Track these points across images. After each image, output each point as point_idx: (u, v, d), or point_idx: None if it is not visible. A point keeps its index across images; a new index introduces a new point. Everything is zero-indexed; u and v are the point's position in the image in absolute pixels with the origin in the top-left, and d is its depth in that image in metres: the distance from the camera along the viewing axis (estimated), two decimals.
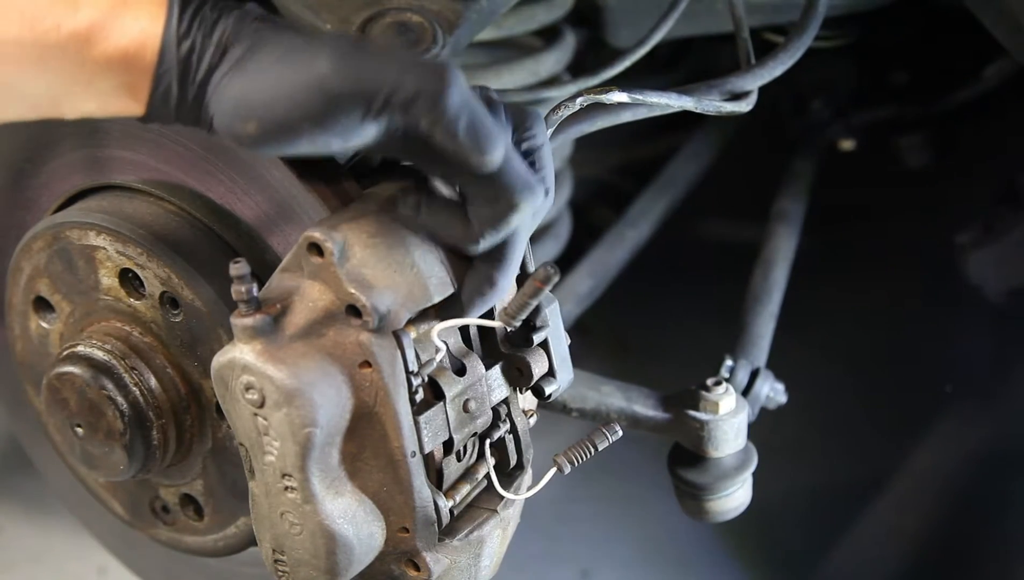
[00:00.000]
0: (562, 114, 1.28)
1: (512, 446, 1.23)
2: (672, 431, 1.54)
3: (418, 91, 0.96)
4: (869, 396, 2.42)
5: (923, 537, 2.15)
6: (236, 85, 0.98)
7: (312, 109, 0.96)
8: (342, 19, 1.48)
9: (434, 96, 0.96)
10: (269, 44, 0.98)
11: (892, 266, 2.68)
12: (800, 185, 2.32)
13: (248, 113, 0.97)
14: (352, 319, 1.04)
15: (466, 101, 0.97)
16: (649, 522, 2.19)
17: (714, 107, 1.41)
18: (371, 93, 0.96)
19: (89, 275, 1.30)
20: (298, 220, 1.19)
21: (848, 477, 2.28)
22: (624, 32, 1.99)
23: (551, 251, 2.03)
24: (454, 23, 1.49)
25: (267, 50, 0.98)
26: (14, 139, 1.35)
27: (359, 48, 0.97)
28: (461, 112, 0.97)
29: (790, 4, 1.93)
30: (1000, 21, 1.72)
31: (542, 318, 1.17)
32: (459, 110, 0.96)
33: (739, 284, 1.97)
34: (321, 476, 1.06)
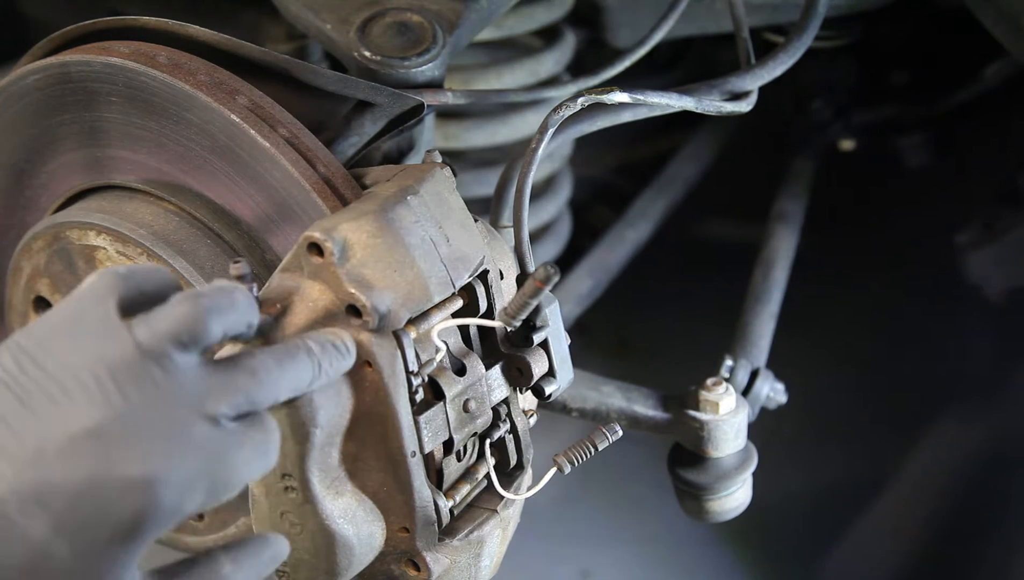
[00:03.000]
0: (563, 114, 1.28)
1: (512, 446, 1.23)
2: (672, 431, 1.54)
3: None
4: (869, 396, 2.42)
5: (923, 537, 2.15)
6: None
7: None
8: (342, 19, 1.48)
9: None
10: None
11: (892, 266, 2.68)
12: (800, 185, 2.31)
13: None
14: (352, 319, 1.04)
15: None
16: (649, 522, 2.19)
17: (714, 107, 1.41)
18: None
19: (89, 275, 1.30)
20: (298, 220, 1.19)
21: (848, 477, 2.28)
22: (624, 32, 1.99)
23: (551, 251, 2.03)
24: (454, 23, 1.49)
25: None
26: (14, 139, 1.35)
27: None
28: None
29: (790, 4, 1.93)
30: (1000, 21, 1.72)
31: (542, 318, 1.17)
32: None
33: (739, 284, 1.97)
34: (321, 476, 1.06)
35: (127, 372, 0.82)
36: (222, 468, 0.85)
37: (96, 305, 0.86)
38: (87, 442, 0.79)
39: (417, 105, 1.36)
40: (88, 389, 0.81)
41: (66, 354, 0.83)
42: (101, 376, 0.82)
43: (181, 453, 0.82)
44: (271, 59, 1.28)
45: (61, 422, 0.80)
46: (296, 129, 1.21)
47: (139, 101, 1.23)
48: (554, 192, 2.01)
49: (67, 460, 0.79)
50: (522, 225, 1.24)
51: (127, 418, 0.81)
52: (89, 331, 0.84)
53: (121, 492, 0.79)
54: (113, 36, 1.28)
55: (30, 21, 2.25)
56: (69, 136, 1.31)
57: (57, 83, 1.27)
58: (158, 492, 0.80)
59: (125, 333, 0.84)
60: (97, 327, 0.85)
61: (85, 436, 0.79)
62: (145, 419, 0.81)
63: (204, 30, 1.26)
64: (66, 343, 0.84)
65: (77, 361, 0.82)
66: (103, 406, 0.81)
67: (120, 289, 0.87)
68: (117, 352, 0.83)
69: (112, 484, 0.79)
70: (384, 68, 1.43)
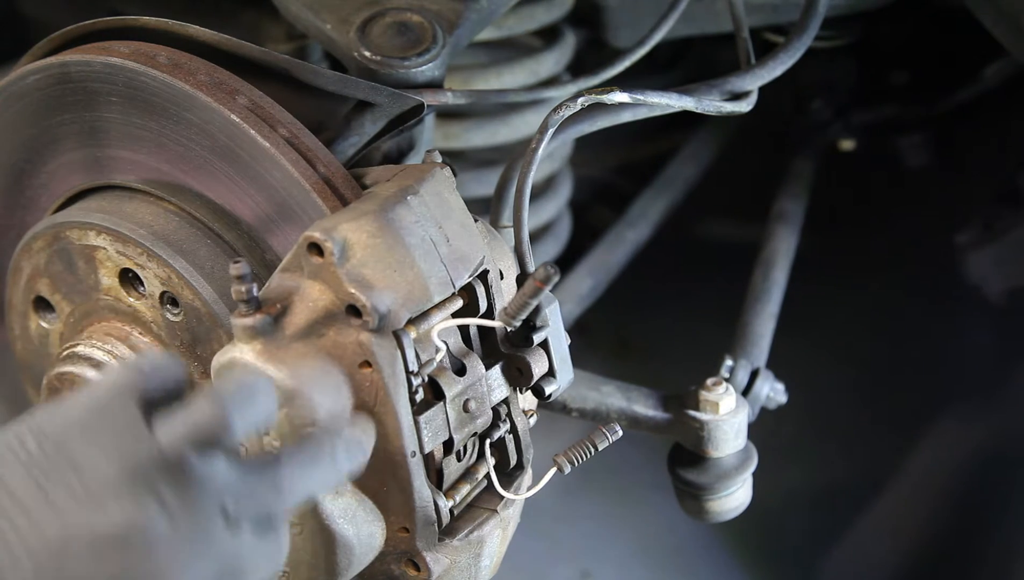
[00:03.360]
0: (563, 114, 1.28)
1: (512, 446, 1.23)
2: (672, 431, 1.54)
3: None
4: (869, 396, 2.42)
5: (923, 537, 2.15)
6: None
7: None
8: (342, 19, 1.48)
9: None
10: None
11: (892, 266, 2.68)
12: (800, 185, 2.31)
13: None
14: (352, 319, 1.04)
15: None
16: (649, 522, 2.19)
17: (714, 107, 1.41)
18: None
19: (89, 275, 1.30)
20: (298, 220, 1.19)
21: (848, 477, 2.28)
22: (624, 32, 1.98)
23: (551, 251, 2.03)
24: (454, 23, 1.49)
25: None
26: (14, 139, 1.35)
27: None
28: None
29: (790, 4, 1.93)
30: (1000, 21, 1.72)
31: (542, 318, 1.17)
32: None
33: (739, 284, 1.97)
34: None
35: (151, 478, 0.83)
36: (234, 575, 0.86)
37: (119, 404, 0.86)
38: (111, 546, 0.80)
39: (417, 105, 1.36)
40: (114, 493, 0.81)
41: (89, 452, 0.83)
42: (126, 481, 0.82)
43: (200, 560, 0.83)
44: (271, 59, 1.28)
45: (85, 522, 0.80)
46: (296, 129, 1.21)
47: (139, 101, 1.23)
48: (554, 192, 2.00)
49: (91, 562, 0.79)
50: (522, 225, 1.24)
51: (151, 525, 0.81)
52: (113, 431, 0.85)
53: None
54: (113, 36, 1.28)
55: (30, 21, 2.25)
56: (69, 136, 1.31)
57: (57, 83, 1.27)
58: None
59: (148, 437, 0.85)
60: (121, 428, 0.85)
61: (110, 539, 0.80)
62: (168, 527, 0.82)
63: (204, 30, 1.26)
64: (89, 439, 0.84)
65: (101, 462, 0.82)
66: (127, 512, 0.81)
67: (140, 387, 0.88)
68: (142, 457, 0.84)
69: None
70: (384, 68, 1.43)
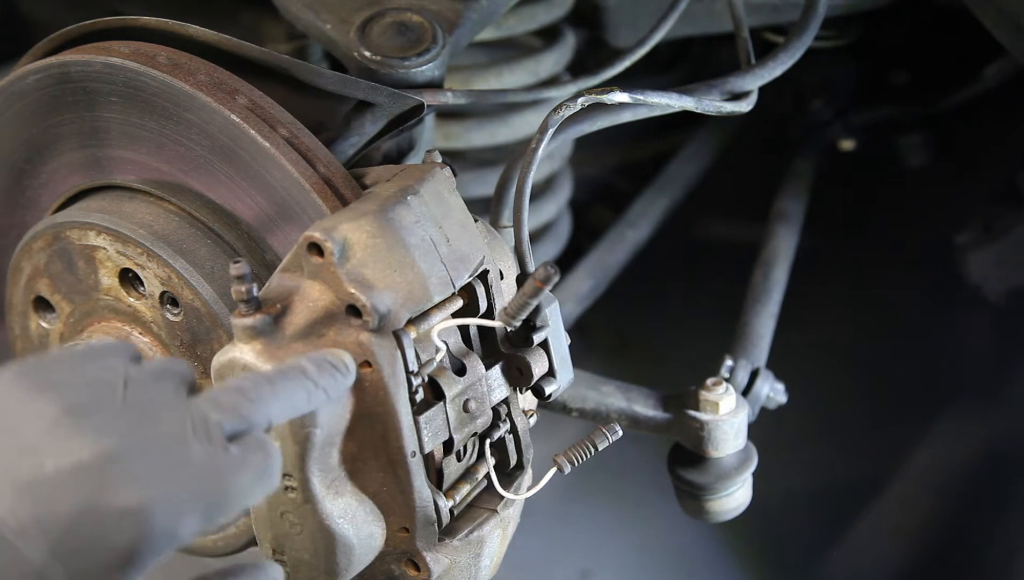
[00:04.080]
0: (563, 114, 1.28)
1: (512, 446, 1.23)
2: (672, 431, 1.54)
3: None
4: (869, 396, 2.42)
5: (923, 537, 2.15)
6: None
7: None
8: (342, 19, 1.48)
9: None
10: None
11: (892, 266, 2.68)
12: (800, 185, 2.31)
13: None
14: (352, 319, 1.04)
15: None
16: (649, 522, 2.19)
17: (714, 107, 1.41)
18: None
19: (89, 275, 1.30)
20: (298, 220, 1.19)
21: (848, 477, 2.28)
22: (624, 32, 1.99)
23: (551, 251, 2.03)
24: (454, 23, 1.49)
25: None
26: (14, 139, 1.35)
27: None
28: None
29: (790, 4, 1.93)
30: (1000, 21, 1.72)
31: (542, 318, 1.17)
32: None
33: (739, 284, 1.97)
34: (321, 476, 1.06)
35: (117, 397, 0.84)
36: (219, 491, 0.85)
37: (106, 346, 0.90)
38: (86, 469, 0.80)
39: (417, 105, 1.36)
40: (73, 424, 0.82)
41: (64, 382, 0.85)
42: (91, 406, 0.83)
43: (176, 478, 0.82)
44: (271, 59, 1.28)
45: (64, 449, 0.80)
46: (296, 129, 1.21)
47: (139, 101, 1.23)
48: (554, 192, 2.01)
49: (67, 486, 0.79)
50: (522, 225, 1.24)
51: (124, 445, 0.81)
52: (92, 360, 0.87)
53: (117, 519, 0.79)
54: (113, 36, 1.28)
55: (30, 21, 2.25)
56: (69, 136, 1.31)
57: (57, 83, 1.27)
58: (153, 519, 0.80)
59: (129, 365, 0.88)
60: (100, 353, 0.88)
61: (85, 464, 0.80)
62: (141, 444, 0.82)
63: (204, 30, 1.26)
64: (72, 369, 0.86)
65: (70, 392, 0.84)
66: (101, 434, 0.81)
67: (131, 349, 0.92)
68: (113, 379, 0.85)
69: (108, 511, 0.79)
70: (384, 68, 1.43)
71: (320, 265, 1.05)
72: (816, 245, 2.27)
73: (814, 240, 2.24)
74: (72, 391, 0.83)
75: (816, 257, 2.25)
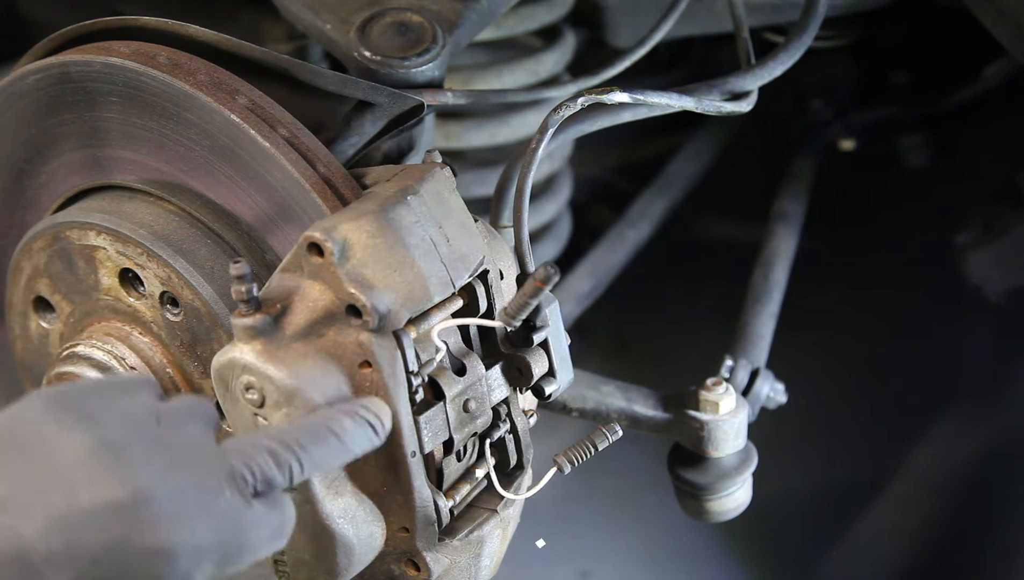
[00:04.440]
0: (563, 114, 1.28)
1: (512, 446, 1.23)
2: (672, 431, 1.54)
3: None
4: (869, 396, 2.42)
5: (923, 537, 2.15)
6: None
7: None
8: (342, 19, 1.48)
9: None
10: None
11: (892, 266, 2.68)
12: (800, 185, 2.31)
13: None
14: (352, 319, 1.04)
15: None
16: (649, 522, 2.18)
17: (714, 107, 1.41)
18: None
19: (89, 275, 1.30)
20: (298, 220, 1.19)
21: (848, 477, 2.28)
22: (624, 32, 1.99)
23: (551, 251, 2.03)
24: (454, 23, 1.49)
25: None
26: (14, 139, 1.35)
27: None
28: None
29: (790, 4, 1.93)
30: (1000, 21, 1.72)
31: (542, 318, 1.17)
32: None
33: (739, 284, 1.97)
34: (321, 476, 1.06)
35: (154, 441, 0.86)
36: (237, 544, 0.86)
37: (135, 381, 0.92)
38: (120, 506, 0.81)
39: (417, 105, 1.36)
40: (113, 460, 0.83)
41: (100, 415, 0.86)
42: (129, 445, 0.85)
43: (203, 525, 0.84)
44: (271, 59, 1.28)
45: (100, 483, 0.81)
46: (296, 129, 1.21)
47: (139, 101, 1.23)
48: (554, 192, 2.00)
49: (99, 521, 0.80)
50: (522, 225, 1.24)
51: (157, 486, 0.83)
52: (124, 394, 0.89)
53: (143, 558, 0.81)
54: (113, 36, 1.28)
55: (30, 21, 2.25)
56: (69, 136, 1.31)
57: (57, 83, 1.27)
58: (176, 562, 0.82)
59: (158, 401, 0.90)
60: (130, 391, 0.90)
61: (119, 501, 0.81)
62: (173, 487, 0.83)
63: (204, 30, 1.26)
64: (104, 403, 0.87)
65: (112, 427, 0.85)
66: (136, 472, 0.83)
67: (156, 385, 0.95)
68: (145, 415, 0.87)
69: (136, 549, 0.81)
70: (384, 68, 1.43)
71: (320, 265, 1.05)
72: (816, 245, 2.27)
73: (814, 240, 2.24)
74: (105, 423, 0.85)
75: (816, 257, 2.25)
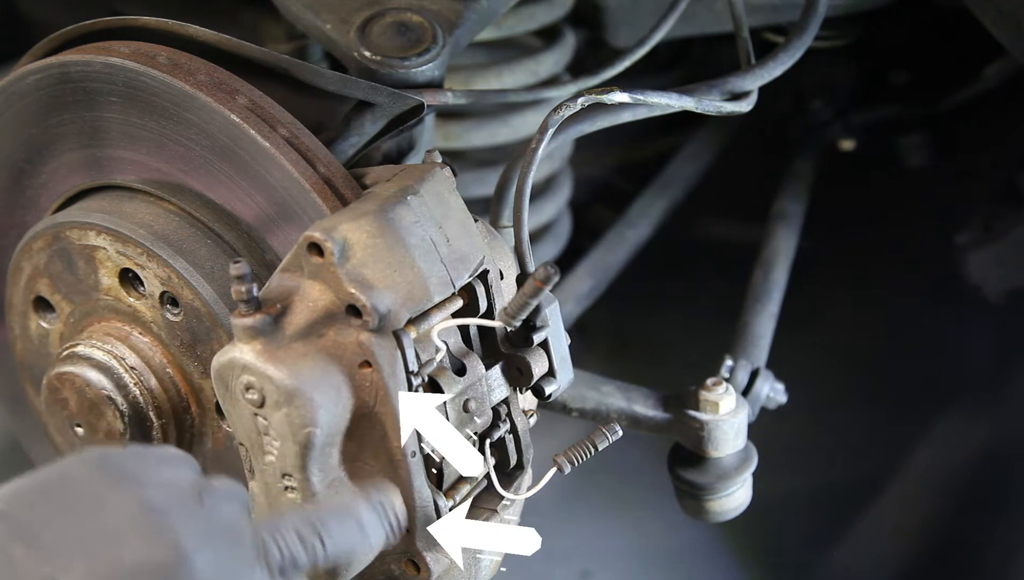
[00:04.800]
0: (563, 114, 1.28)
1: (512, 446, 1.23)
2: (672, 431, 1.54)
3: None
4: (869, 396, 2.42)
5: (923, 537, 2.15)
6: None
7: None
8: (342, 19, 1.48)
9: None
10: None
11: (892, 266, 2.68)
12: (800, 185, 2.31)
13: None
14: (352, 319, 1.04)
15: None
16: (649, 522, 2.18)
17: (714, 107, 1.41)
18: None
19: (89, 275, 1.30)
20: (298, 220, 1.19)
21: (848, 477, 2.28)
22: (624, 32, 1.99)
23: (551, 251, 2.03)
24: (454, 23, 1.49)
25: None
26: (14, 139, 1.35)
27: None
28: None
29: (790, 4, 1.93)
30: (1000, 21, 1.72)
31: (542, 318, 1.17)
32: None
33: (739, 284, 1.97)
34: (321, 476, 1.06)
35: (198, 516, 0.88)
36: None
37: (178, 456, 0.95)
38: (162, 570, 0.82)
39: (417, 105, 1.36)
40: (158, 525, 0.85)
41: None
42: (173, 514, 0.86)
43: None
44: (271, 59, 1.28)
45: (145, 545, 0.82)
46: (296, 129, 1.21)
47: (139, 101, 1.23)
48: (554, 192, 2.00)
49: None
50: (522, 225, 1.24)
51: (199, 554, 0.84)
52: (168, 465, 0.91)
53: None
54: (113, 36, 1.28)
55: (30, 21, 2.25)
56: (69, 136, 1.31)
57: (57, 83, 1.27)
58: None
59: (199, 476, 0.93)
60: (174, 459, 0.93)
61: (161, 565, 0.82)
62: (214, 557, 0.85)
63: (204, 30, 1.26)
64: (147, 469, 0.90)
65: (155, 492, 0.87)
66: (181, 539, 0.84)
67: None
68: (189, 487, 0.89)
69: None
70: (384, 68, 1.43)
71: (320, 265, 1.05)
72: (816, 245, 2.26)
73: (814, 240, 2.24)
74: (153, 490, 0.86)
75: (816, 257, 2.25)
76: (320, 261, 1.04)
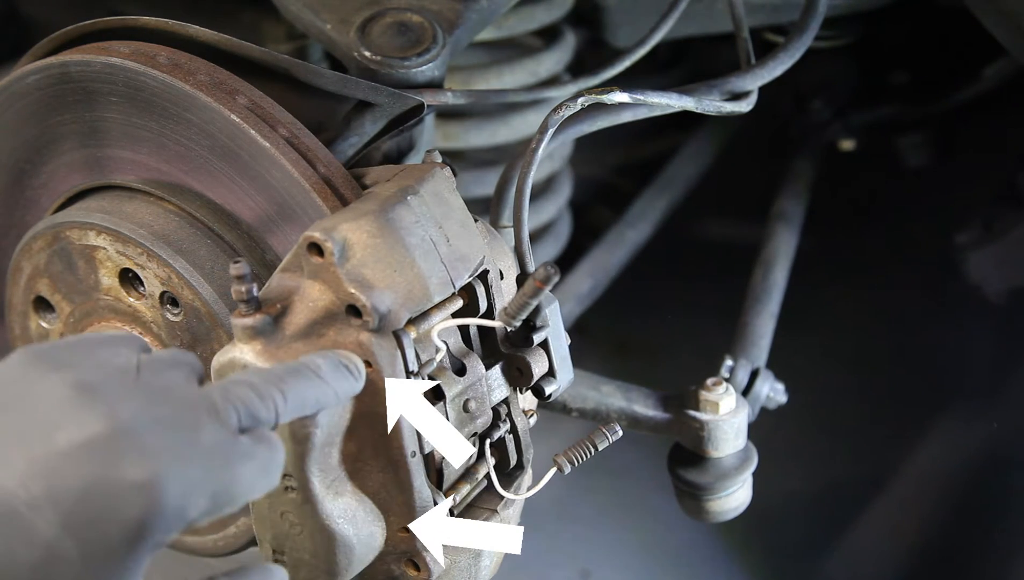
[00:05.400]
0: (563, 114, 1.28)
1: (512, 446, 1.23)
2: (672, 431, 1.54)
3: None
4: (869, 396, 2.42)
5: (923, 537, 2.15)
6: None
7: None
8: (342, 19, 1.48)
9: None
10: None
11: (892, 266, 2.68)
12: (800, 185, 2.32)
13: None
14: (352, 319, 1.04)
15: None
16: (649, 522, 2.18)
17: (714, 107, 1.41)
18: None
19: (89, 275, 1.30)
20: (298, 220, 1.19)
21: (848, 477, 2.28)
22: (624, 32, 1.99)
23: (551, 251, 2.03)
24: (454, 23, 1.49)
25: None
26: (14, 139, 1.35)
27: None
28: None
29: (790, 4, 1.93)
30: (1000, 21, 1.72)
31: (542, 318, 1.17)
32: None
33: (739, 284, 1.97)
34: (321, 476, 1.06)
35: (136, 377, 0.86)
36: (227, 477, 0.85)
37: (117, 337, 0.93)
38: (98, 443, 0.80)
39: (417, 105, 1.36)
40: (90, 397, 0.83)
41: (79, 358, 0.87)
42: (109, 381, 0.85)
43: (187, 456, 0.83)
44: (271, 59, 1.28)
45: (76, 423, 0.81)
46: (296, 129, 1.21)
47: (139, 101, 1.23)
48: (554, 192, 2.01)
49: (78, 459, 0.80)
50: (522, 225, 1.24)
51: (136, 420, 0.82)
52: (104, 347, 0.88)
53: (127, 492, 0.80)
54: (113, 36, 1.28)
55: (30, 21, 2.25)
56: (69, 136, 1.31)
57: (57, 83, 1.27)
58: (163, 494, 0.80)
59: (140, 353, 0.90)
60: (112, 341, 0.90)
61: (97, 437, 0.81)
62: (153, 422, 0.83)
63: (204, 30, 1.26)
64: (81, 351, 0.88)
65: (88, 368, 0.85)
66: (114, 410, 0.82)
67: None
68: (125, 363, 0.87)
69: (119, 484, 0.80)
70: (384, 68, 1.43)
71: (320, 265, 1.05)
72: (816, 245, 2.26)
73: (814, 240, 2.24)
74: (84, 370, 0.85)
75: (816, 257, 2.25)
76: (320, 261, 1.05)
